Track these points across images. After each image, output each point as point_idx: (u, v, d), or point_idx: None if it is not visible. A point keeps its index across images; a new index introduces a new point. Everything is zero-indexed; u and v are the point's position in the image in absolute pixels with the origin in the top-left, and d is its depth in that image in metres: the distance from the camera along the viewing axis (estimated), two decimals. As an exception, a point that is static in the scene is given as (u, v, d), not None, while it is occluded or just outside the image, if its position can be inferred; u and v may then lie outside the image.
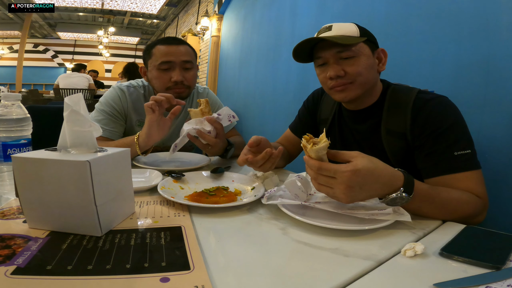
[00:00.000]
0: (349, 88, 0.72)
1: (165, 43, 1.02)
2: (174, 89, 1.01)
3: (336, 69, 0.71)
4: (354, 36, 0.70)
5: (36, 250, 0.38)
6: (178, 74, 0.99)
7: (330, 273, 0.37)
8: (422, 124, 0.67)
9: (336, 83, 0.72)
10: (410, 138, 0.70)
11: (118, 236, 0.43)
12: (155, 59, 1.00)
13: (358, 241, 0.45)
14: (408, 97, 0.71)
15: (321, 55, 0.73)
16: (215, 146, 0.85)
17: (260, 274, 0.36)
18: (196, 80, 1.09)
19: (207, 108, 0.82)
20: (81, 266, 0.34)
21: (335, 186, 0.48)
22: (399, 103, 0.72)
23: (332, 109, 0.88)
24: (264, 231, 0.49)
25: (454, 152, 0.62)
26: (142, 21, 8.37)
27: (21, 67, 7.45)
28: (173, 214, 0.53)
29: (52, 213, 0.43)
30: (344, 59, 0.71)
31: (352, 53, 0.70)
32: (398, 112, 0.72)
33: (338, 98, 0.75)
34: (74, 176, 0.40)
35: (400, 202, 0.50)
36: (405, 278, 0.36)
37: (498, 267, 0.38)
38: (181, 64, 1.01)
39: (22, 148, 0.61)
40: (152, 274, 0.34)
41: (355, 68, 0.71)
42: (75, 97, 0.46)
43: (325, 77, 0.74)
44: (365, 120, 0.78)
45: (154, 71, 1.01)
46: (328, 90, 0.76)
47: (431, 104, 0.68)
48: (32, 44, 9.41)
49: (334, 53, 0.71)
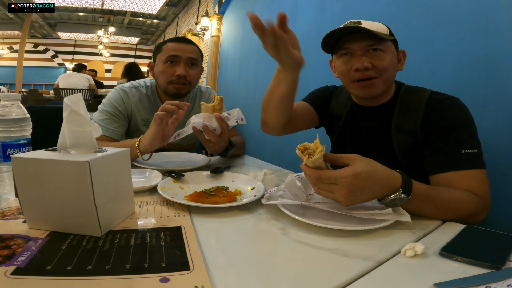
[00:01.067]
0: (374, 83, 0.72)
1: (175, 41, 1.07)
2: (176, 83, 1.03)
3: (365, 61, 0.71)
4: (385, 33, 0.71)
5: (35, 250, 0.38)
6: (182, 69, 1.02)
7: (330, 273, 0.37)
8: (433, 122, 0.68)
9: (362, 75, 0.72)
10: (420, 136, 0.70)
11: (118, 236, 0.43)
12: (163, 54, 1.04)
13: (358, 241, 0.45)
14: (420, 97, 0.72)
15: (349, 46, 0.72)
16: (216, 144, 0.86)
17: (260, 274, 0.36)
18: (198, 79, 1.12)
19: (220, 106, 0.83)
20: (81, 266, 0.34)
21: (336, 191, 0.48)
22: (411, 102, 0.73)
23: (345, 106, 0.87)
24: (264, 231, 0.49)
25: (461, 150, 0.63)
26: (142, 21, 8.37)
27: (21, 67, 7.45)
28: (173, 214, 0.53)
29: (51, 213, 0.43)
30: (373, 52, 0.71)
31: (382, 47, 0.71)
32: (409, 111, 0.73)
33: (361, 94, 0.74)
34: (74, 177, 0.40)
35: (399, 203, 0.51)
36: (405, 278, 0.36)
37: (498, 267, 0.38)
38: (186, 60, 1.04)
39: (21, 148, 0.61)
40: (152, 274, 0.33)
41: (383, 63, 0.71)
42: (75, 97, 0.46)
43: (349, 68, 0.73)
44: (377, 117, 0.79)
45: (161, 65, 1.05)
46: (349, 83, 0.75)
47: (444, 104, 0.69)
48: (32, 44, 9.41)
49: (365, 46, 0.71)
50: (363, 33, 0.69)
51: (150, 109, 1.09)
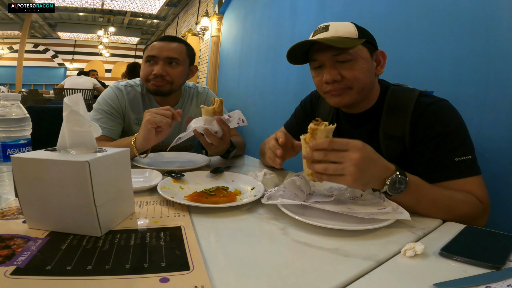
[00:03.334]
0: (345, 93, 0.69)
1: (159, 40, 1.07)
2: (153, 81, 1.04)
3: (332, 74, 0.68)
4: (352, 38, 0.66)
5: (35, 250, 0.38)
6: (159, 68, 1.02)
7: (330, 273, 0.37)
8: (423, 129, 0.66)
9: (332, 88, 0.69)
10: (409, 142, 0.68)
11: (118, 236, 0.43)
12: (146, 53, 1.06)
13: (358, 241, 0.45)
14: (408, 100, 0.69)
15: (317, 58, 0.70)
16: (218, 147, 0.86)
17: (260, 274, 0.36)
18: (183, 77, 1.10)
19: (220, 108, 0.83)
20: (81, 266, 0.34)
21: (346, 159, 0.49)
22: (399, 106, 0.70)
23: (330, 112, 0.86)
24: (264, 231, 0.49)
25: (455, 158, 0.62)
26: (142, 21, 8.36)
27: (21, 67, 7.45)
28: (172, 214, 0.53)
29: (51, 213, 0.43)
30: (341, 62, 0.68)
31: (349, 56, 0.67)
32: (397, 115, 0.70)
33: (333, 103, 0.73)
34: (74, 177, 0.40)
35: (399, 187, 0.52)
36: (405, 278, 0.36)
37: (498, 267, 0.38)
38: (164, 59, 1.04)
39: (21, 148, 0.61)
40: (152, 274, 0.33)
41: (352, 73, 0.67)
42: (75, 97, 0.46)
43: (320, 80, 0.71)
44: (363, 124, 0.77)
45: (143, 64, 1.07)
46: (323, 94, 0.74)
47: (432, 108, 0.66)
48: (32, 44, 9.40)
49: (331, 56, 0.68)
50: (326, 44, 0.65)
51: (144, 108, 1.09)
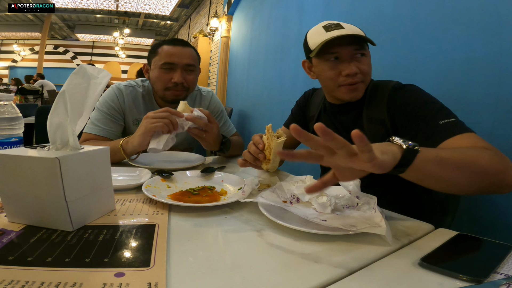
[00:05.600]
0: (359, 87, 0.74)
1: (171, 44, 1.02)
2: (173, 90, 1.02)
3: (355, 66, 0.72)
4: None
5: (6, 242, 0.38)
6: (179, 76, 1.00)
7: (295, 279, 0.35)
8: (397, 107, 0.69)
9: (353, 80, 0.73)
10: (390, 124, 0.72)
11: (89, 231, 0.43)
12: (159, 58, 1.01)
13: (333, 247, 0.43)
14: (385, 89, 0.74)
15: (337, 50, 0.72)
16: (210, 131, 0.86)
17: (221, 276, 0.35)
18: (196, 83, 1.09)
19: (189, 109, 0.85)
20: (41, 258, 0.35)
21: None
22: (378, 95, 0.75)
23: (318, 106, 0.91)
24: (239, 233, 0.48)
25: (439, 121, 0.60)
26: (156, 23, 8.55)
27: (41, 68, 7.78)
28: (151, 212, 0.53)
29: (27, 208, 0.44)
30: (360, 56, 0.73)
31: (366, 51, 0.74)
32: (377, 102, 0.75)
33: (349, 97, 0.76)
34: (45, 173, 0.41)
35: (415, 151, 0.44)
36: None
37: (480, 281, 0.35)
38: (183, 67, 1.01)
39: (13, 145, 0.63)
40: (109, 268, 0.33)
41: (366, 67, 0.73)
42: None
43: (337, 73, 0.74)
44: (349, 111, 0.81)
45: (156, 70, 1.01)
46: (335, 87, 0.76)
47: (403, 90, 0.71)
48: (53, 46, 9.80)
49: (352, 50, 0.71)
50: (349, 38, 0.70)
51: (144, 109, 1.08)
